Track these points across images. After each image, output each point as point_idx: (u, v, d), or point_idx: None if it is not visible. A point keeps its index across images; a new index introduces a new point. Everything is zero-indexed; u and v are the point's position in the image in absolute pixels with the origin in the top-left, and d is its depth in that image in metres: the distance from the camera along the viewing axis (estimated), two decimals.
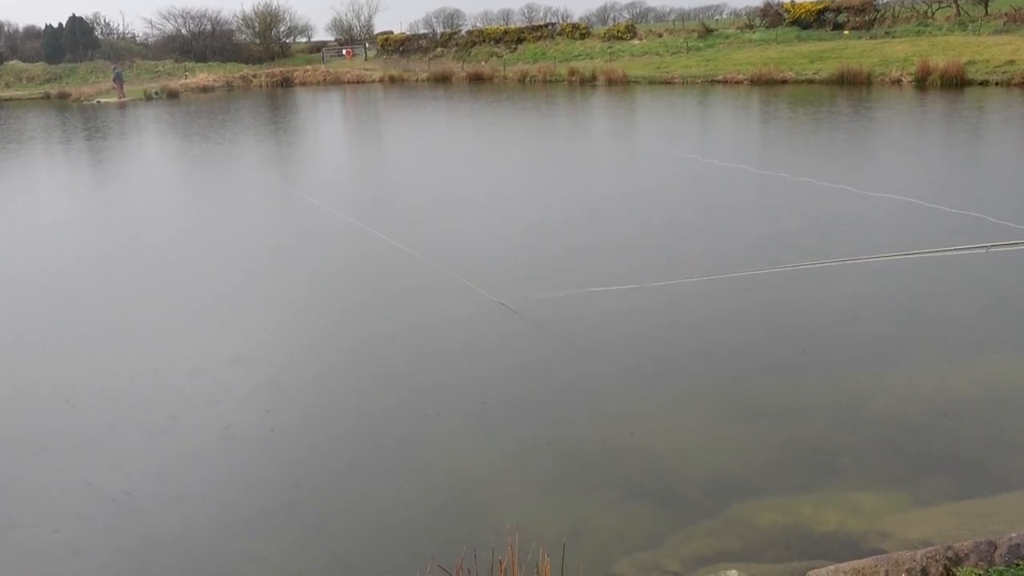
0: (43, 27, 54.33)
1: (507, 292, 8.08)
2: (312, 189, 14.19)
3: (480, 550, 3.82)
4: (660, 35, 43.00)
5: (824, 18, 36.84)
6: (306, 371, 6.61)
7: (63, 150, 22.08)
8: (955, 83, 24.60)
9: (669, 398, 5.86)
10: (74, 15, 53.30)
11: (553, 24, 47.62)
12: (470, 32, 49.86)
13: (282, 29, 57.37)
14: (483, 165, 16.76)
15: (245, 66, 50.63)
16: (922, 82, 25.43)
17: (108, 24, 59.63)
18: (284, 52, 56.48)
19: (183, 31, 54.68)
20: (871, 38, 33.42)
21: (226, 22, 55.70)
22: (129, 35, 60.04)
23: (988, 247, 8.30)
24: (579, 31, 45.09)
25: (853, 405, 5.57)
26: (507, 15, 59.46)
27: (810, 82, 28.87)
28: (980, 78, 24.71)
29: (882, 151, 15.45)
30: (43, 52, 52.12)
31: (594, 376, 6.23)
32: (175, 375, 6.55)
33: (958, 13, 34.43)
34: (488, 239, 10.20)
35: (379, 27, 58.53)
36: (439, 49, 48.69)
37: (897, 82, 26.44)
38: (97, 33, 55.69)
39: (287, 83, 46.41)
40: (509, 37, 46.50)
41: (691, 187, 12.92)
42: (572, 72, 37.28)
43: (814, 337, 6.73)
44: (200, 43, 53.38)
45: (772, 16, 39.06)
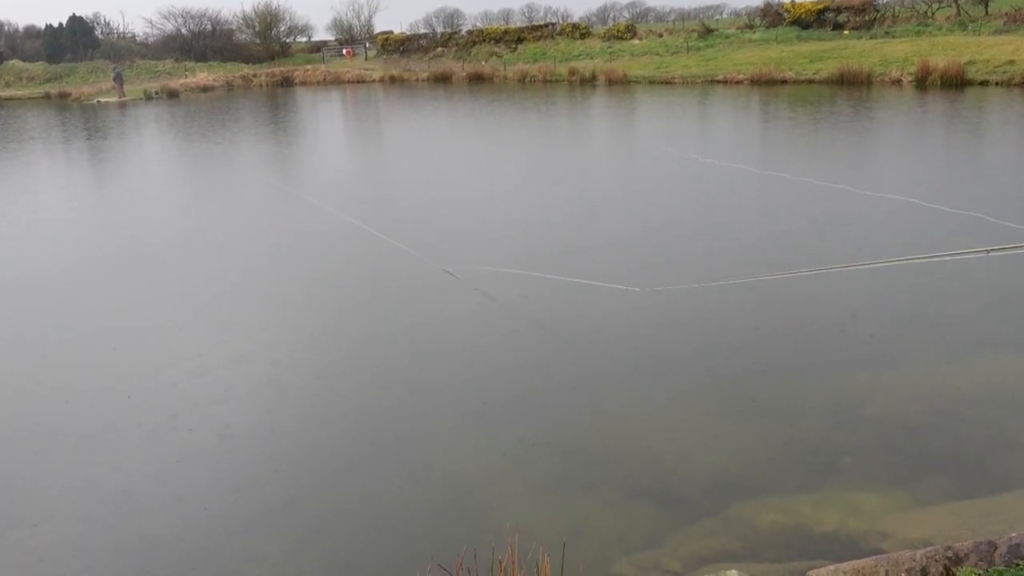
0: (43, 27, 54.46)
1: (507, 292, 8.08)
2: (312, 189, 14.19)
3: (480, 550, 3.82)
4: (660, 35, 43.01)
5: (824, 18, 36.84)
6: (306, 371, 6.61)
7: (63, 150, 22.08)
8: (955, 83, 24.60)
9: (669, 398, 5.86)
10: (74, 15, 53.45)
11: (553, 24, 47.64)
12: (470, 32, 49.87)
13: (282, 29, 57.46)
14: (483, 165, 16.76)
15: (245, 66, 50.65)
16: (922, 82, 25.43)
17: (108, 24, 59.77)
18: (284, 52, 56.51)
19: (183, 31, 54.74)
20: (871, 38, 33.43)
21: (226, 22, 55.84)
22: (129, 35, 60.15)
23: (988, 251, 8.29)
24: (579, 31, 45.09)
25: (853, 405, 5.57)
26: (507, 15, 59.53)
27: (810, 82, 28.87)
28: (980, 78, 24.71)
29: (882, 151, 15.45)
30: (43, 52, 52.17)
31: (594, 376, 6.23)
32: (175, 375, 6.55)
33: (958, 13, 34.43)
34: (488, 239, 10.21)
35: (379, 27, 58.66)
36: (439, 49, 48.70)
37: (897, 82, 26.44)
38: (97, 33, 55.73)
39: (287, 83, 46.44)
40: (509, 37, 46.51)
41: (691, 187, 12.93)
42: (572, 72, 37.29)
43: (814, 337, 6.73)
44: (200, 43, 53.40)
45: (772, 16, 39.07)
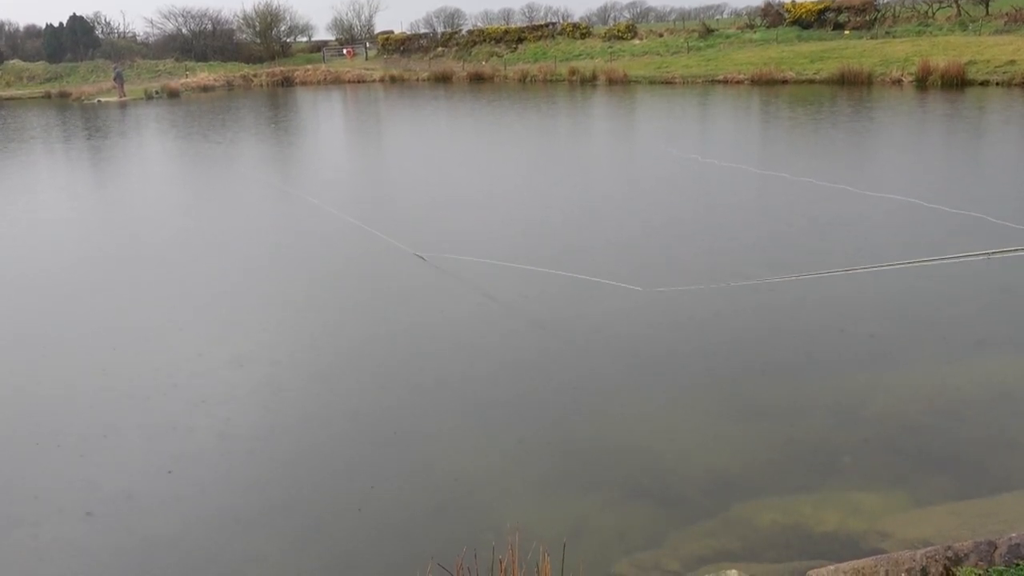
0: (44, 26, 54.53)
1: (507, 292, 8.08)
2: (312, 189, 14.18)
3: (480, 550, 3.82)
4: (661, 35, 43.03)
5: (825, 18, 36.85)
6: (306, 371, 6.61)
7: (63, 149, 22.08)
8: (956, 83, 24.61)
9: (669, 398, 5.86)
10: (75, 14, 53.51)
11: (554, 24, 47.65)
12: (471, 32, 49.88)
13: (283, 28, 57.50)
14: (483, 165, 16.76)
15: (246, 65, 50.66)
16: (923, 82, 25.44)
17: (109, 23, 59.79)
18: (285, 51, 56.53)
19: (184, 30, 54.78)
20: (872, 38, 33.43)
21: (227, 21, 55.89)
22: (130, 34, 60.18)
23: (989, 254, 8.28)
24: (580, 31, 45.11)
25: (853, 405, 5.57)
26: (508, 15, 59.57)
27: (810, 82, 28.87)
28: (981, 78, 24.71)
29: (882, 151, 15.44)
30: (44, 51, 52.18)
31: (594, 376, 6.23)
32: (175, 375, 6.55)
33: (959, 13, 34.43)
34: (488, 239, 10.20)
35: (380, 27, 58.70)
36: (440, 49, 48.71)
37: (898, 82, 26.44)
38: (98, 32, 55.77)
39: (288, 82, 46.45)
40: (510, 37, 46.53)
41: (691, 187, 12.92)
42: (572, 72, 37.31)
43: (814, 337, 6.72)
44: (201, 42, 53.42)
45: (773, 16, 39.08)
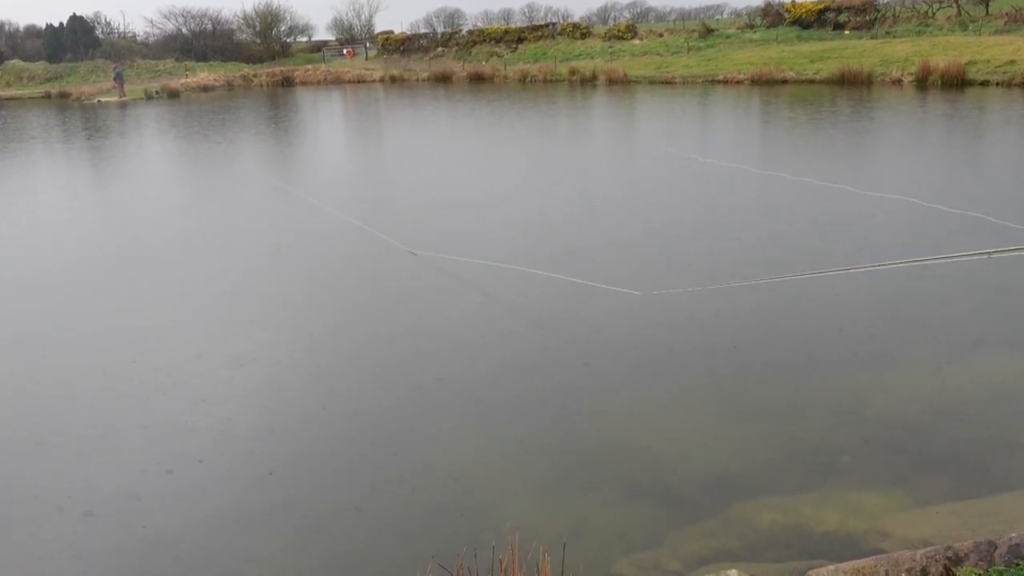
0: (44, 26, 54.55)
1: (507, 292, 8.08)
2: (312, 189, 14.18)
3: (480, 549, 3.82)
4: (661, 35, 43.03)
5: (825, 18, 36.85)
6: (306, 371, 6.61)
7: (63, 149, 22.08)
8: (956, 83, 24.61)
9: (669, 398, 5.86)
10: (75, 14, 53.53)
11: (554, 24, 47.66)
12: (471, 32, 49.88)
13: (283, 28, 57.52)
14: (483, 165, 16.76)
15: (246, 65, 50.67)
16: (923, 82, 25.44)
17: (109, 23, 59.80)
18: (285, 51, 56.54)
19: (184, 30, 54.79)
20: (872, 38, 33.43)
21: (227, 21, 55.91)
22: (130, 34, 60.19)
23: (990, 253, 8.28)
24: (580, 31, 45.11)
25: (853, 405, 5.57)
26: (508, 15, 59.62)
27: (811, 82, 28.87)
28: (981, 78, 24.70)
29: (882, 151, 15.44)
30: (44, 51, 52.19)
31: (594, 376, 6.23)
32: (175, 375, 6.55)
33: (959, 13, 34.43)
34: (488, 239, 10.20)
35: (380, 27, 58.73)
36: (440, 49, 48.71)
37: (898, 82, 26.44)
38: (98, 32, 55.77)
39: (288, 82, 46.44)
40: (510, 37, 46.53)
41: (691, 187, 12.92)
42: (573, 72, 37.31)
43: (814, 337, 6.72)
44: (201, 42, 53.43)
45: (773, 16, 39.09)
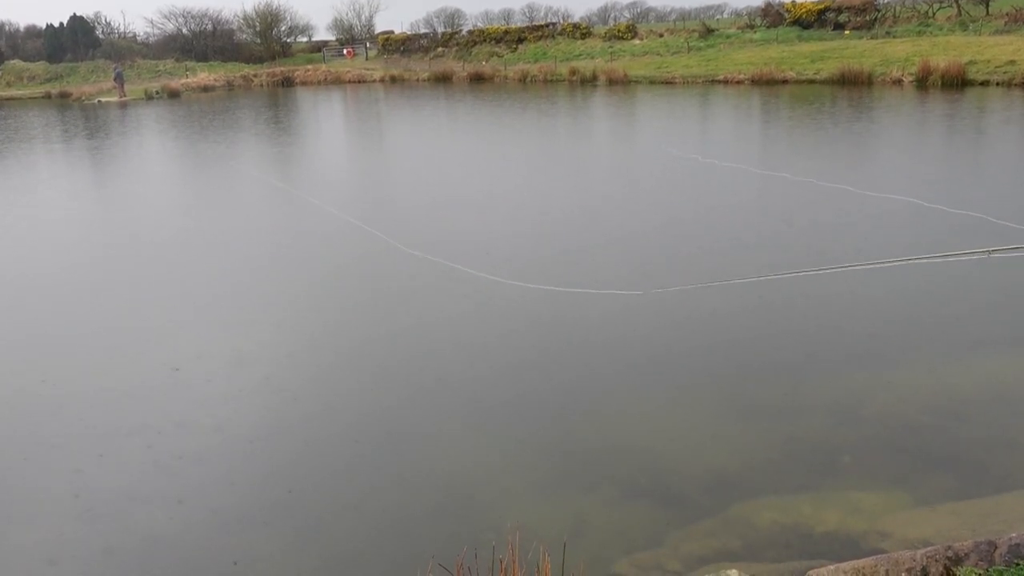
0: (44, 26, 54.52)
1: (507, 292, 8.08)
2: (312, 189, 14.19)
3: (480, 549, 3.82)
4: (661, 35, 43.01)
5: (825, 18, 36.84)
6: (306, 371, 6.61)
7: (64, 149, 22.08)
8: (956, 83, 24.58)
9: (669, 398, 5.86)
10: (75, 14, 53.51)
11: (554, 24, 47.63)
12: (471, 32, 49.86)
13: (283, 29, 57.49)
14: (483, 165, 16.75)
15: (246, 65, 50.66)
16: (923, 82, 25.42)
17: (109, 23, 59.79)
18: (285, 52, 56.53)
19: (184, 30, 54.78)
20: (872, 38, 33.42)
21: (227, 21, 55.88)
22: (130, 34, 60.14)
23: (990, 252, 8.27)
24: (580, 31, 45.09)
25: (853, 405, 5.57)
26: (508, 15, 59.62)
27: (811, 82, 28.85)
28: (981, 78, 24.69)
29: (883, 151, 15.44)
30: (44, 51, 52.18)
31: (594, 376, 6.23)
32: (175, 375, 6.55)
33: (959, 13, 34.43)
34: (488, 239, 10.20)
35: (380, 27, 58.68)
36: (440, 49, 48.70)
37: (898, 82, 26.42)
38: (98, 32, 55.76)
39: (288, 83, 46.44)
40: (510, 37, 46.51)
41: (691, 187, 12.92)
42: (573, 72, 37.29)
43: (814, 337, 6.72)
44: (201, 42, 53.42)
45: (773, 16, 39.07)
